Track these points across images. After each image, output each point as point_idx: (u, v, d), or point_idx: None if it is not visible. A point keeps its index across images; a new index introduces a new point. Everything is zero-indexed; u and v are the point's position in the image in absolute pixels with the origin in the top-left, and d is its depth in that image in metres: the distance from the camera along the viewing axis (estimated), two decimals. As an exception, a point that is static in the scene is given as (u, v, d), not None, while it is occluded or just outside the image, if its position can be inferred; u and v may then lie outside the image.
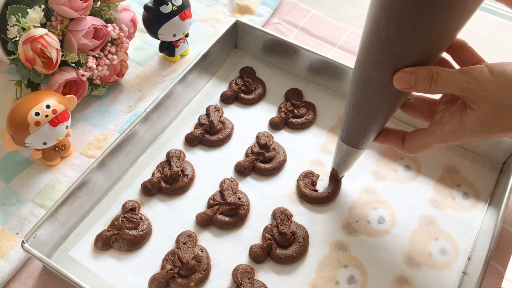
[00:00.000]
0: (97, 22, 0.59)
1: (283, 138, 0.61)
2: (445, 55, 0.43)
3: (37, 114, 0.51)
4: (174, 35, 0.66)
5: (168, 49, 0.69)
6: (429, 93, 0.41)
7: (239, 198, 0.54)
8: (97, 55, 0.60)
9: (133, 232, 0.51)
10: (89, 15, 0.59)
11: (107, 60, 0.60)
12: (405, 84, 0.40)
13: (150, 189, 0.54)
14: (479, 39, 0.74)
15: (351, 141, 0.49)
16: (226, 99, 0.64)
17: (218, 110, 0.62)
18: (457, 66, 0.44)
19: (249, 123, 0.62)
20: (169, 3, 0.62)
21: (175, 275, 0.48)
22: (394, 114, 0.47)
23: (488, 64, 0.39)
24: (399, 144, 0.47)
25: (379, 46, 0.40)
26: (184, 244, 0.50)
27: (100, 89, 0.64)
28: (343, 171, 0.53)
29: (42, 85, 0.58)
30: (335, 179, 0.55)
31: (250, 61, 0.68)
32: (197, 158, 0.58)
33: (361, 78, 0.43)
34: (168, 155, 0.57)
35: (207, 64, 0.64)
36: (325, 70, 0.63)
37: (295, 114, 0.62)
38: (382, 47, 0.40)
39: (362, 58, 0.43)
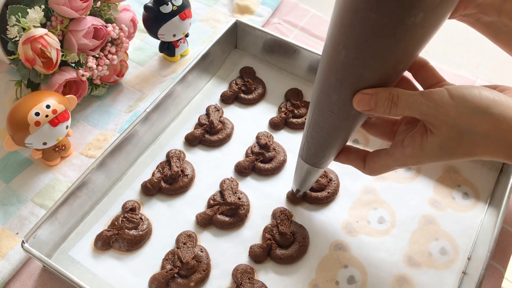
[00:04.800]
0: (97, 22, 0.59)
1: (283, 138, 0.61)
2: (407, 74, 0.43)
3: (37, 114, 0.51)
4: (174, 35, 0.66)
5: (168, 49, 0.69)
6: (390, 115, 0.40)
7: (239, 198, 0.54)
8: (97, 55, 0.60)
9: (133, 232, 0.51)
10: (89, 15, 0.59)
11: (107, 60, 0.60)
12: (365, 106, 0.39)
13: (150, 189, 0.54)
14: (478, 40, 0.74)
15: (311, 159, 0.47)
16: (226, 99, 0.64)
17: (218, 110, 0.62)
18: (419, 86, 0.43)
19: (249, 123, 0.62)
20: (169, 3, 0.62)
21: (175, 275, 0.48)
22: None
23: (448, 88, 0.38)
24: (361, 165, 0.46)
25: (338, 66, 0.39)
26: (184, 244, 0.50)
27: (100, 89, 0.64)
28: (302, 188, 0.53)
29: (42, 85, 0.58)
30: (295, 198, 0.54)
31: (250, 61, 0.68)
32: (197, 158, 0.58)
33: (320, 98, 0.42)
34: (168, 155, 0.57)
35: (207, 64, 0.64)
36: (325, 70, 0.63)
37: (295, 114, 0.62)
38: (342, 68, 0.39)
39: (321, 77, 0.41)
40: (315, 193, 0.55)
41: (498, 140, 0.37)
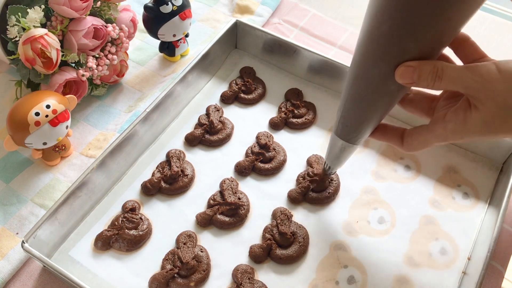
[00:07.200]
0: (97, 22, 0.59)
1: (283, 138, 0.61)
2: (447, 50, 0.42)
3: (37, 114, 0.51)
4: (174, 35, 0.66)
5: (168, 49, 0.69)
6: (432, 89, 0.40)
7: (239, 198, 0.54)
8: (97, 55, 0.60)
9: (133, 232, 0.51)
10: (89, 15, 0.59)
11: (107, 60, 0.60)
12: (407, 78, 0.39)
13: (150, 189, 0.54)
14: (479, 39, 0.74)
15: (346, 135, 0.46)
16: (226, 99, 0.64)
17: (218, 110, 0.62)
18: (458, 61, 0.42)
19: (249, 123, 0.62)
20: (169, 3, 0.62)
21: (175, 275, 0.48)
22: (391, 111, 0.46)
23: (496, 62, 0.37)
24: (398, 142, 0.45)
25: (381, 39, 0.39)
26: (184, 244, 0.50)
27: (100, 89, 0.64)
28: (335, 166, 0.51)
29: (42, 85, 0.58)
30: (326, 175, 0.54)
31: (250, 61, 0.68)
32: (197, 158, 0.58)
33: (358, 72, 0.42)
34: (168, 155, 0.57)
35: (207, 64, 0.64)
36: (325, 70, 0.63)
37: (295, 114, 0.62)
38: (384, 40, 0.39)
39: (361, 51, 0.41)
40: (315, 193, 0.55)
41: None
